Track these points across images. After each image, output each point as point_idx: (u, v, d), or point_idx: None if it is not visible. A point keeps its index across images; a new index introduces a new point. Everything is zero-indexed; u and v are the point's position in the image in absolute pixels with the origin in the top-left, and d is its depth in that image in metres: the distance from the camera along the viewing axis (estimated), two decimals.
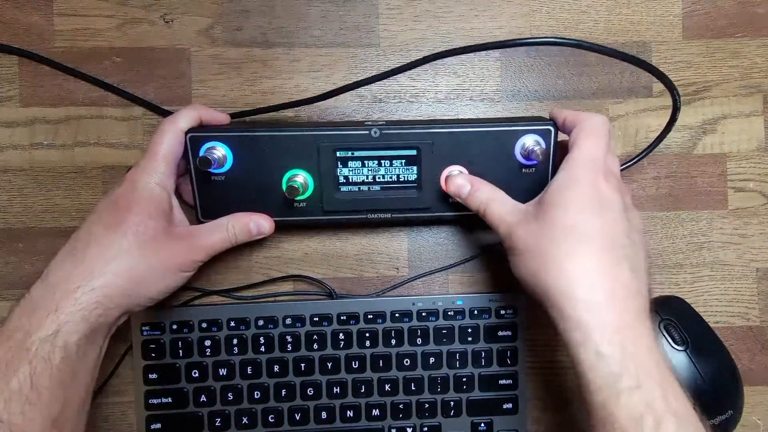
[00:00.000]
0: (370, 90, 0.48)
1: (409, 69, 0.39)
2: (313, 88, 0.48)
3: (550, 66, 0.49)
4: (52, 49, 0.47)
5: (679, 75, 0.50)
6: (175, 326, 0.46)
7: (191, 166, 0.42)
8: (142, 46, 0.47)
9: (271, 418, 0.46)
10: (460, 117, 0.49)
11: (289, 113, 0.48)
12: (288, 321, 0.46)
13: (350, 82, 0.48)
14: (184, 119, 0.40)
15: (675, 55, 0.50)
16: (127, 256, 0.36)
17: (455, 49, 0.39)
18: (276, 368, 0.46)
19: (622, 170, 0.46)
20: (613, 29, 0.49)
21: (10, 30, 0.47)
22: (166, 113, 0.47)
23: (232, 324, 0.46)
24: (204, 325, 0.46)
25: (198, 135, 0.41)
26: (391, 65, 0.48)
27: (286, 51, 0.48)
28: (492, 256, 0.49)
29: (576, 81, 0.49)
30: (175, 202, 0.41)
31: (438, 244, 0.49)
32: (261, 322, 0.46)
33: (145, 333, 0.45)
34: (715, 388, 0.46)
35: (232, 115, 0.45)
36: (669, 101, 0.42)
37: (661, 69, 0.49)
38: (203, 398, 0.46)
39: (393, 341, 0.47)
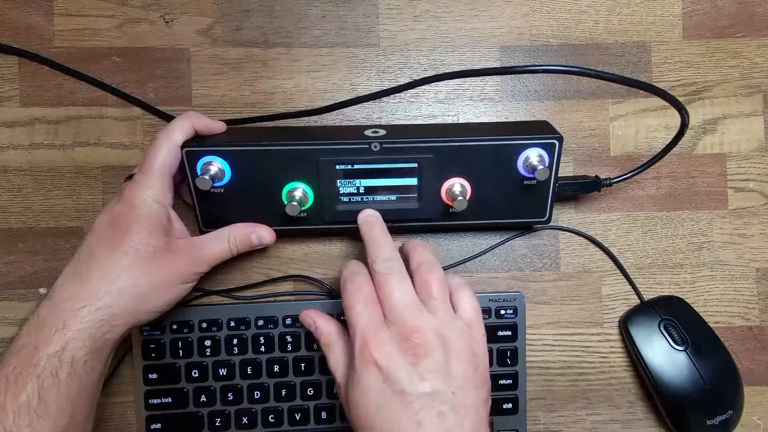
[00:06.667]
0: (369, 90, 0.48)
1: (413, 87, 0.39)
2: (313, 88, 0.48)
3: None
4: (52, 49, 0.47)
5: (679, 75, 0.50)
6: (175, 326, 0.46)
7: (189, 180, 0.42)
8: (142, 46, 0.47)
9: (271, 418, 0.46)
10: (461, 121, 0.49)
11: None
12: (288, 321, 0.46)
13: (350, 82, 0.48)
14: (179, 132, 0.40)
15: (675, 55, 0.50)
16: (129, 275, 0.37)
17: (461, 72, 0.38)
18: (276, 368, 0.46)
19: (625, 178, 0.46)
20: (613, 29, 0.49)
21: (10, 30, 0.47)
22: (164, 115, 0.47)
23: (232, 324, 0.46)
24: (204, 325, 0.46)
25: (194, 150, 0.41)
26: (391, 65, 0.48)
27: (286, 51, 0.48)
28: (492, 256, 0.49)
29: (576, 81, 0.49)
30: (173, 214, 0.41)
31: (438, 244, 0.49)
32: (261, 322, 0.46)
33: (145, 333, 0.45)
34: (715, 388, 0.46)
35: (229, 122, 0.44)
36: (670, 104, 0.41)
37: (661, 69, 0.49)
38: (203, 398, 0.46)
39: None
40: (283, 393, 0.46)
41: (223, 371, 0.46)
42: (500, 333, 0.47)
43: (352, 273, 0.37)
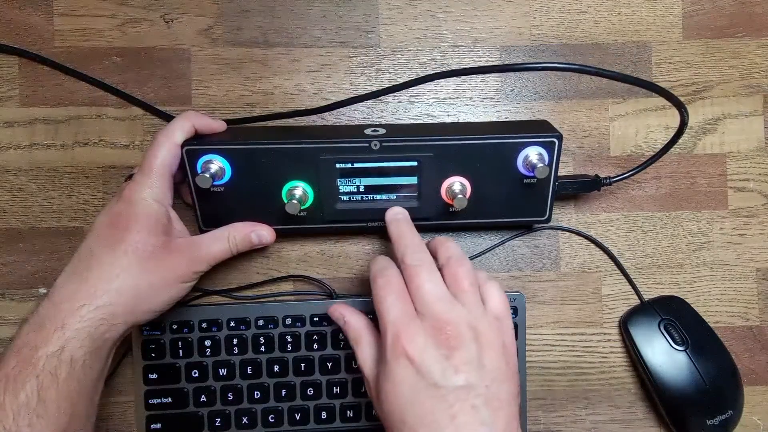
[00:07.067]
0: (369, 89, 0.48)
1: (413, 86, 0.39)
2: (313, 88, 0.48)
3: None
4: (52, 49, 0.47)
5: (679, 75, 0.50)
6: (175, 326, 0.46)
7: (189, 179, 0.42)
8: (142, 46, 0.47)
9: (271, 418, 0.46)
10: (461, 120, 0.49)
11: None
12: (288, 321, 0.46)
13: (350, 82, 0.48)
14: (180, 131, 0.40)
15: (675, 55, 0.50)
16: (128, 275, 0.37)
17: (461, 70, 0.38)
18: (276, 368, 0.46)
19: (625, 177, 0.46)
20: (613, 29, 0.49)
21: (10, 30, 0.47)
22: (164, 115, 0.47)
23: (232, 324, 0.46)
24: (204, 325, 0.46)
25: (194, 148, 0.41)
26: (391, 65, 0.49)
27: (286, 51, 0.48)
28: (492, 256, 0.49)
29: (576, 81, 0.49)
30: (173, 214, 0.41)
31: None
32: (261, 322, 0.46)
33: (145, 333, 0.45)
34: (715, 388, 0.46)
35: (229, 122, 0.44)
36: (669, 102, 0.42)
37: (661, 69, 0.49)
38: (203, 398, 0.46)
39: None
40: (283, 393, 0.46)
41: (223, 371, 0.46)
42: None
43: (382, 267, 0.37)
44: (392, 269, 0.37)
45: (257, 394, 0.46)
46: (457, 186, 0.42)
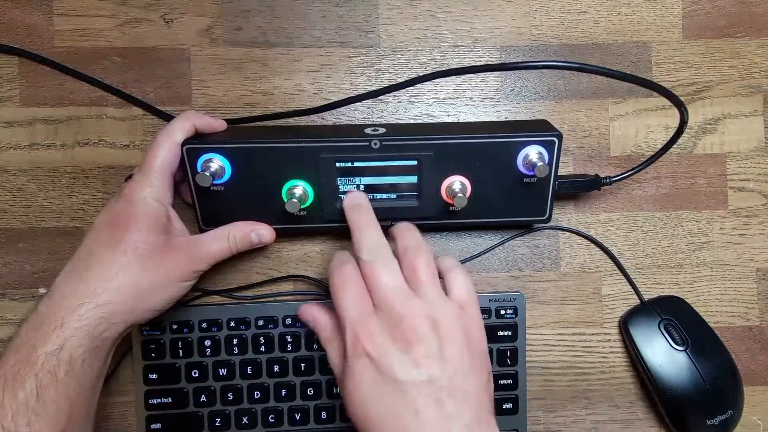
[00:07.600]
0: (369, 89, 0.48)
1: (412, 85, 0.39)
2: (313, 88, 0.48)
3: None
4: (52, 49, 0.47)
5: (679, 75, 0.50)
6: (175, 326, 0.46)
7: (189, 178, 0.42)
8: (142, 46, 0.47)
9: (271, 418, 0.46)
10: (461, 120, 0.49)
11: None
12: (288, 321, 0.46)
13: (350, 82, 0.48)
14: (180, 131, 0.40)
15: (675, 55, 0.50)
16: (128, 273, 0.37)
17: (460, 69, 0.38)
18: (276, 368, 0.46)
19: (625, 177, 0.46)
20: (613, 29, 0.49)
21: (10, 30, 0.47)
22: (164, 115, 0.47)
23: (232, 324, 0.46)
24: (204, 325, 0.46)
25: (195, 147, 0.41)
26: (391, 65, 0.49)
27: (286, 51, 0.48)
28: (492, 256, 0.49)
29: (576, 81, 0.49)
30: (173, 213, 0.41)
31: (438, 244, 0.49)
32: (261, 322, 0.46)
33: (145, 333, 0.45)
34: (715, 388, 0.46)
35: (229, 122, 0.44)
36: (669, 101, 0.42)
37: (661, 69, 0.49)
38: (203, 398, 0.46)
39: None
40: (283, 393, 0.46)
41: (223, 371, 0.46)
42: (500, 333, 0.47)
43: (339, 263, 0.36)
44: (348, 264, 0.36)
45: (257, 394, 0.46)
46: (457, 185, 0.42)
